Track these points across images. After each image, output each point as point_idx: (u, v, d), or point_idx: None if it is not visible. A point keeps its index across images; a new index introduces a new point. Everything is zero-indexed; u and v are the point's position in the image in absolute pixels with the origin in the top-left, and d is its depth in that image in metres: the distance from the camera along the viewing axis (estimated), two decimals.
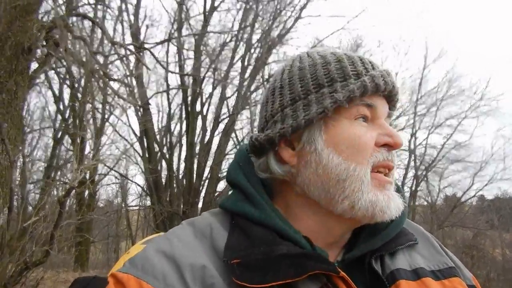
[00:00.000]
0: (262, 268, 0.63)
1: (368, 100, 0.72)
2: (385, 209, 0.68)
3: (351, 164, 0.69)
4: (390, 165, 0.72)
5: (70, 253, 11.72)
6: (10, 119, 4.09)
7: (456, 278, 0.74)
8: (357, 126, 0.71)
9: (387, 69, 0.75)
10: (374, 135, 0.71)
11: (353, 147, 0.70)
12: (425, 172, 16.86)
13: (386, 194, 0.69)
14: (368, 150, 0.70)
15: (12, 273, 4.73)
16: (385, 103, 0.75)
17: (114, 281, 0.63)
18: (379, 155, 0.70)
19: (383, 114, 0.74)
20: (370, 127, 0.72)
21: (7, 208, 4.37)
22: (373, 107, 0.72)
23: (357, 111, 0.71)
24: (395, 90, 0.75)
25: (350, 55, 0.76)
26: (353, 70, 0.73)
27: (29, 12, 4.22)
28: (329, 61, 0.75)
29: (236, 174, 0.77)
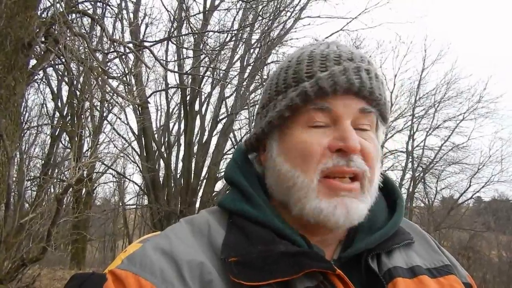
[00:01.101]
0: (259, 266, 0.64)
1: (321, 103, 0.69)
2: (329, 217, 0.67)
3: (296, 172, 0.69)
4: (343, 171, 0.68)
5: (66, 250, 11.70)
6: (8, 115, 4.09)
7: (452, 275, 0.75)
8: (307, 132, 0.69)
9: (358, 64, 0.70)
10: (326, 141, 0.68)
11: (299, 155, 0.69)
12: (423, 174, 16.91)
13: (335, 202, 0.67)
14: (314, 158, 0.68)
15: (8, 270, 4.71)
16: (353, 101, 0.69)
17: (113, 278, 0.63)
18: (329, 162, 0.68)
19: (346, 115, 0.69)
20: (327, 132, 0.69)
21: (4, 204, 4.36)
22: (330, 110, 0.69)
23: (309, 117, 0.70)
24: (360, 87, 0.68)
25: (315, 53, 0.72)
26: (307, 72, 0.71)
27: (29, 8, 4.21)
28: (292, 64, 0.74)
29: (233, 173, 0.78)
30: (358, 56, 0.72)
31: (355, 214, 0.68)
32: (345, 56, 0.71)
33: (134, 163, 14.16)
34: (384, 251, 0.73)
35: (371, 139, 0.72)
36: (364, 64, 0.71)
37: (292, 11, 12.13)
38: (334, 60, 0.70)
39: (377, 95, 0.70)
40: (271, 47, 12.09)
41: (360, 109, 0.70)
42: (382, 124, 0.76)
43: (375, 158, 0.71)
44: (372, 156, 0.70)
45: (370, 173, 0.70)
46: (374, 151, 0.71)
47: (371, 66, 0.72)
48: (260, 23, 11.91)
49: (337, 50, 0.73)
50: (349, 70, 0.68)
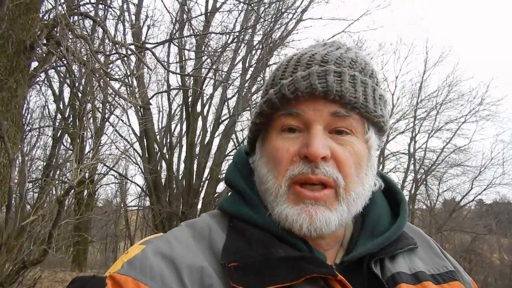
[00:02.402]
0: (259, 272, 0.63)
1: (289, 109, 0.68)
2: (293, 223, 0.67)
3: (269, 176, 0.70)
4: (308, 178, 0.66)
5: (68, 252, 11.69)
6: (10, 117, 4.09)
7: (456, 282, 0.74)
8: (280, 138, 0.70)
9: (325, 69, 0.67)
10: (295, 146, 0.68)
11: (272, 160, 0.70)
12: (424, 176, 16.88)
13: (300, 209, 0.66)
14: (282, 163, 0.68)
15: (9, 272, 4.71)
16: (323, 105, 0.67)
17: (112, 283, 0.63)
18: (295, 169, 0.67)
19: (316, 119, 0.67)
20: (298, 138, 0.69)
21: (5, 206, 4.36)
22: (298, 115, 0.68)
23: (280, 122, 0.70)
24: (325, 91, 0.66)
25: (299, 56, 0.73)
26: (281, 77, 0.72)
27: (31, 10, 4.22)
28: (278, 68, 0.75)
29: (234, 177, 0.78)
30: (334, 58, 0.70)
31: (319, 223, 0.66)
32: (318, 60, 0.70)
33: (136, 165, 14.19)
34: (388, 256, 0.72)
35: (349, 143, 0.69)
36: (336, 67, 0.68)
37: (294, 13, 12.16)
38: (306, 65, 0.70)
39: (350, 98, 0.67)
40: (273, 49, 12.10)
41: (332, 112, 0.68)
42: (372, 127, 0.72)
43: (351, 165, 0.68)
44: (346, 162, 0.68)
45: (344, 181, 0.68)
46: (350, 157, 0.68)
47: (348, 68, 0.69)
48: (262, 25, 11.94)
49: (320, 52, 0.71)
50: (312, 75, 0.67)
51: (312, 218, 0.66)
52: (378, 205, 0.78)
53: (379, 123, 0.72)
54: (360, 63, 0.72)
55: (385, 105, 0.74)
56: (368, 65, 0.74)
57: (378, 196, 0.79)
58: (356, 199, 0.69)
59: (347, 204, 0.68)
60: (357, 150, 0.69)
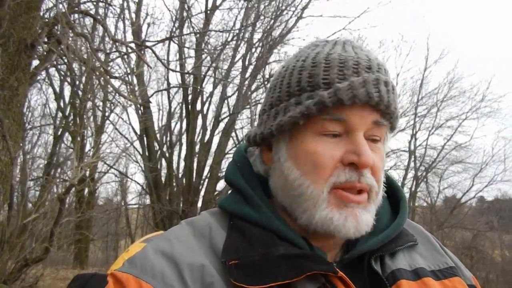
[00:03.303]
0: (259, 269, 0.63)
1: (337, 114, 0.67)
2: (339, 228, 0.66)
3: (306, 181, 0.67)
4: (354, 187, 0.67)
5: (69, 250, 11.73)
6: (11, 116, 4.10)
7: (456, 277, 0.74)
8: (320, 142, 0.67)
9: (378, 75, 0.67)
10: (339, 153, 0.67)
11: (311, 165, 0.67)
12: (425, 173, 16.87)
13: (345, 213, 0.66)
14: (325, 169, 0.66)
15: (11, 270, 4.73)
16: (369, 113, 0.67)
17: (114, 281, 0.63)
18: (341, 176, 0.66)
19: (361, 127, 0.67)
20: (340, 143, 0.67)
21: (7, 204, 4.37)
22: (345, 121, 0.67)
23: (322, 126, 0.67)
24: (379, 100, 0.66)
25: (332, 58, 0.69)
26: (324, 79, 0.68)
27: (32, 9, 4.22)
28: (306, 65, 0.70)
29: (234, 175, 0.77)
30: (375, 65, 0.70)
31: (364, 225, 0.68)
32: (363, 65, 0.69)
33: (136, 163, 14.21)
34: (388, 253, 0.73)
35: (380, 150, 0.71)
36: (383, 75, 0.69)
37: (294, 10, 12.12)
38: (352, 68, 0.68)
39: (393, 108, 0.69)
40: (273, 47, 12.08)
41: (374, 121, 0.68)
42: (389, 134, 0.75)
43: (382, 171, 0.71)
44: (379, 170, 0.70)
45: (377, 186, 0.70)
46: (382, 164, 0.71)
47: (388, 76, 0.70)
48: (262, 22, 11.91)
49: (355, 55, 0.70)
50: (369, 83, 0.66)
51: (358, 221, 0.67)
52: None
53: (396, 128, 0.75)
54: (387, 70, 0.74)
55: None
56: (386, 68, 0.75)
57: None
58: (379, 199, 0.72)
59: (375, 205, 0.71)
60: (383, 156, 0.72)
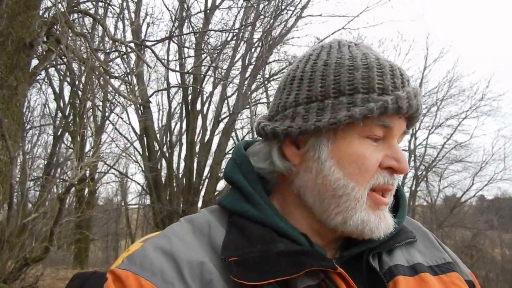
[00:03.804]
0: (259, 266, 0.63)
1: (385, 120, 0.68)
2: (374, 229, 0.68)
3: (350, 183, 0.68)
4: (389, 189, 0.71)
5: (69, 250, 11.73)
6: (10, 115, 4.10)
7: (454, 273, 0.74)
8: (365, 144, 0.69)
9: (416, 88, 0.71)
10: (380, 156, 0.69)
11: (356, 166, 0.68)
12: (425, 172, 16.88)
13: (379, 215, 0.69)
14: (370, 172, 0.68)
15: (11, 269, 4.73)
16: (404, 123, 0.72)
17: (113, 278, 0.63)
18: (380, 178, 0.69)
19: (397, 134, 0.71)
20: (379, 146, 0.70)
21: (7, 204, 4.37)
22: (389, 128, 0.69)
23: (370, 129, 0.68)
24: (418, 112, 0.71)
25: (382, 63, 0.70)
26: (379, 84, 0.68)
27: (31, 8, 4.21)
28: (357, 66, 0.69)
29: (233, 172, 0.77)
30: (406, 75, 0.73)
31: (391, 226, 0.71)
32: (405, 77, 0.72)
33: (136, 163, 14.21)
34: (385, 250, 0.73)
35: None
36: (417, 88, 0.72)
37: (293, 10, 12.12)
38: (400, 78, 0.70)
39: (418, 120, 0.74)
40: (273, 46, 12.09)
41: (404, 131, 0.73)
42: None
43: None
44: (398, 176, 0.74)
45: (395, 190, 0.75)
46: None
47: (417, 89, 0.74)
48: (262, 22, 11.91)
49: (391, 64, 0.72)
50: (418, 95, 0.70)
51: (387, 223, 0.71)
52: None
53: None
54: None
55: None
56: None
57: None
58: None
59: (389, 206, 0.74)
60: None
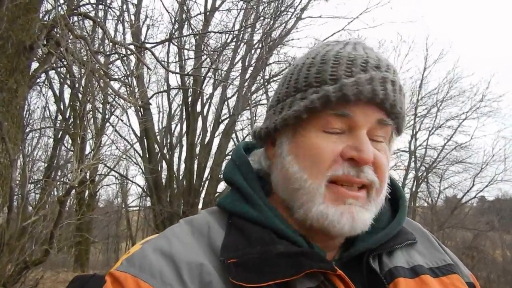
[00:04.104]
0: (258, 268, 0.63)
1: (342, 109, 0.67)
2: (334, 223, 0.66)
3: (304, 175, 0.68)
4: (352, 181, 0.67)
5: (70, 253, 11.72)
6: (10, 118, 4.10)
7: (454, 275, 0.74)
8: (322, 137, 0.68)
9: (385, 74, 0.68)
10: (340, 147, 0.67)
11: (310, 159, 0.68)
12: (426, 173, 16.86)
13: (342, 209, 0.66)
14: (324, 164, 0.67)
15: (11, 273, 4.72)
16: (374, 111, 0.68)
17: (112, 280, 0.63)
18: (339, 170, 0.67)
19: (364, 124, 0.67)
20: (341, 138, 0.68)
21: (6, 207, 4.37)
22: (349, 117, 0.68)
23: (327, 122, 0.68)
24: (387, 99, 0.67)
25: (342, 55, 0.70)
26: (332, 75, 0.68)
27: (30, 10, 4.22)
28: (315, 62, 0.71)
29: (232, 174, 0.77)
30: (384, 65, 0.70)
31: (360, 223, 0.67)
32: (372, 63, 0.69)
33: (137, 165, 14.21)
34: (385, 252, 0.73)
35: (384, 150, 0.71)
36: (390, 75, 0.69)
37: (293, 11, 12.14)
38: (360, 66, 0.68)
39: (398, 108, 0.69)
40: (273, 48, 12.09)
41: (378, 120, 0.69)
42: (395, 136, 0.75)
43: (386, 170, 0.70)
44: (383, 168, 0.69)
45: (379, 185, 0.69)
46: (386, 164, 0.70)
47: (396, 77, 0.70)
48: (261, 24, 11.92)
49: (364, 54, 0.70)
50: (375, 80, 0.67)
51: (354, 218, 0.66)
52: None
53: (402, 132, 0.75)
54: (395, 69, 0.73)
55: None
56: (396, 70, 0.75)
57: None
58: (382, 199, 0.72)
59: (376, 205, 0.70)
60: (388, 157, 0.72)
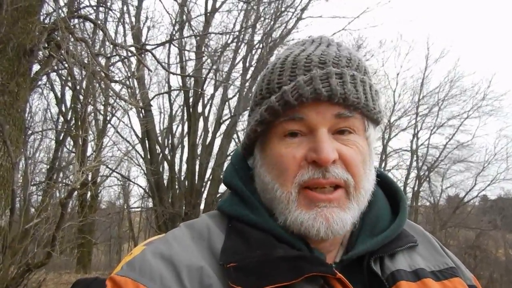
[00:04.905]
0: (258, 272, 0.63)
1: (292, 114, 0.67)
2: (309, 229, 0.66)
3: (275, 184, 0.69)
4: (319, 183, 0.66)
5: (72, 255, 11.74)
6: (12, 121, 4.11)
7: (456, 278, 0.74)
8: (282, 144, 0.68)
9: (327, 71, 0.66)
10: (302, 152, 0.67)
11: (277, 168, 0.69)
12: (428, 173, 16.83)
13: (315, 213, 0.66)
14: (289, 171, 0.67)
15: (14, 275, 4.73)
16: (326, 108, 0.66)
17: (112, 285, 0.63)
18: (305, 174, 0.66)
19: (320, 123, 0.66)
20: (302, 142, 0.68)
21: (9, 209, 4.38)
22: (301, 119, 0.67)
23: (282, 127, 0.68)
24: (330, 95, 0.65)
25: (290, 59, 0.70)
26: (278, 83, 0.69)
27: (31, 13, 4.23)
28: (267, 73, 0.73)
29: (232, 178, 0.77)
30: (332, 58, 0.69)
31: (336, 225, 0.66)
32: (316, 62, 0.68)
33: (138, 166, 14.21)
34: (387, 254, 0.72)
35: (354, 143, 0.69)
36: (335, 69, 0.68)
37: (293, 12, 12.13)
38: (304, 68, 0.68)
39: (353, 99, 0.67)
40: (273, 48, 12.09)
41: (335, 114, 0.67)
42: (371, 123, 0.73)
43: (358, 164, 0.68)
44: (354, 162, 0.68)
45: (354, 180, 0.68)
46: (356, 156, 0.68)
47: (347, 68, 0.69)
48: (262, 24, 11.92)
49: (316, 53, 0.70)
50: (315, 79, 0.66)
51: (329, 221, 0.65)
52: (378, 203, 0.78)
53: (378, 119, 0.73)
54: (355, 61, 0.72)
55: (379, 98, 0.75)
56: (361, 61, 0.74)
57: (378, 194, 0.79)
58: (365, 196, 0.70)
59: (357, 202, 0.69)
60: (361, 149, 0.70)
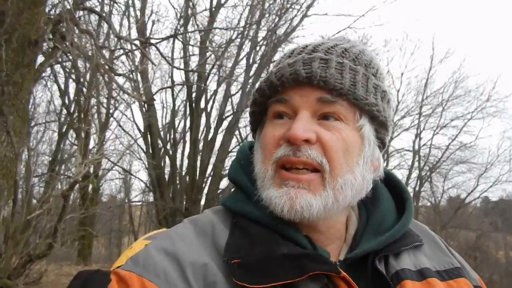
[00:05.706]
0: (262, 269, 0.63)
1: (278, 95, 0.71)
2: (276, 206, 0.67)
3: (259, 163, 0.72)
4: (290, 161, 0.67)
5: (73, 246, 11.80)
6: (16, 112, 4.12)
7: (462, 278, 0.73)
8: (270, 125, 0.72)
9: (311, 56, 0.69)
10: (280, 132, 0.69)
11: (261, 147, 0.73)
12: (429, 173, 16.80)
13: (283, 192, 0.67)
14: (268, 149, 0.70)
15: (16, 265, 4.76)
16: (310, 91, 0.68)
17: (117, 279, 0.63)
18: (279, 152, 0.68)
19: (302, 105, 0.68)
20: (285, 123, 0.70)
21: (11, 200, 4.40)
22: (286, 101, 0.70)
23: (272, 109, 0.72)
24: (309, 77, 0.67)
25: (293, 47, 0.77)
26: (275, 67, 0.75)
27: (37, 5, 4.23)
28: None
29: (237, 174, 0.77)
30: (327, 48, 0.72)
31: (299, 206, 0.66)
32: (309, 49, 0.73)
33: (140, 160, 14.28)
34: (392, 253, 0.72)
35: (337, 129, 0.68)
36: (324, 55, 0.70)
37: (299, 8, 12.09)
38: (295, 53, 0.74)
39: (335, 83, 0.67)
40: (278, 45, 12.07)
41: (318, 98, 0.68)
42: (364, 115, 0.71)
43: (338, 150, 0.67)
44: (333, 148, 0.67)
45: (330, 165, 0.67)
46: (337, 142, 0.68)
47: (337, 56, 0.70)
48: (267, 20, 11.89)
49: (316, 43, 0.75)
50: (298, 62, 0.70)
51: (293, 201, 0.66)
52: (383, 202, 0.77)
53: (371, 111, 0.71)
54: (354, 53, 0.72)
55: (382, 96, 0.73)
56: (366, 56, 0.74)
57: (384, 193, 0.79)
58: (345, 187, 0.68)
59: (333, 190, 0.67)
60: (346, 137, 0.68)
